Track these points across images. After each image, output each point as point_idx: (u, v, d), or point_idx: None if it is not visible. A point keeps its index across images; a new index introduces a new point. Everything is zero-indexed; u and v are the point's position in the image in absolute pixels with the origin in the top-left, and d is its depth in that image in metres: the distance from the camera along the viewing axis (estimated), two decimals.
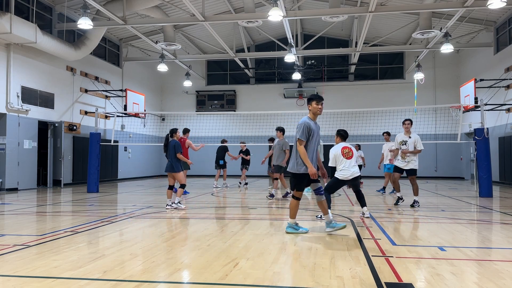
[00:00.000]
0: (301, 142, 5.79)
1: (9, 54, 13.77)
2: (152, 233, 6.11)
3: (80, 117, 17.48)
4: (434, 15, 16.13)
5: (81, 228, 6.49)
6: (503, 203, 10.52)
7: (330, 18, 14.79)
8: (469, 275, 3.94)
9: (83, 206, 9.79)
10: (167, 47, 17.71)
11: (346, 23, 20.15)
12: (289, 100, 23.87)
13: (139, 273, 3.98)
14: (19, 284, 3.63)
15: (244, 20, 14.84)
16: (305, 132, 5.79)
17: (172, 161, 8.86)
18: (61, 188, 15.23)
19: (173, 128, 9.26)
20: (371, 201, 10.73)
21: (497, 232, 6.47)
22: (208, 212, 8.73)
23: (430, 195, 12.41)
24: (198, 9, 14.23)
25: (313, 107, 5.99)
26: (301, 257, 4.59)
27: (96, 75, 18.51)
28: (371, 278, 3.79)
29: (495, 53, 17.90)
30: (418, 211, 8.65)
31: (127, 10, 14.61)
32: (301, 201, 6.54)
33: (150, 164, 23.74)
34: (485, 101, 13.94)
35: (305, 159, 5.75)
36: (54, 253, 4.74)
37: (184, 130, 12.37)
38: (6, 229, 6.51)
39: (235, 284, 3.62)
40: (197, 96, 24.87)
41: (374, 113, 21.72)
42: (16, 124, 14.07)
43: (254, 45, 24.06)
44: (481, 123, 11.98)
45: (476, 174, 12.27)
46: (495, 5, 10.93)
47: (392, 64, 23.90)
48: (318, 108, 5.95)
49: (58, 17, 16.08)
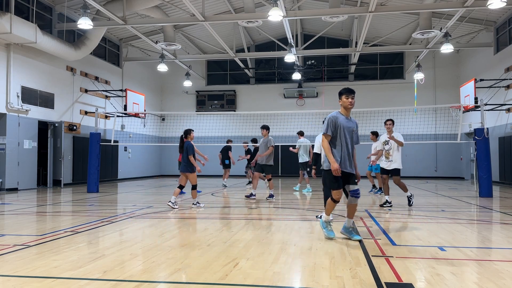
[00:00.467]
0: (326, 136, 5.50)
1: (9, 54, 13.77)
2: (152, 233, 6.11)
3: (80, 117, 17.48)
4: (434, 15, 16.13)
5: (81, 228, 6.49)
6: (503, 203, 10.52)
7: (330, 18, 14.79)
8: (469, 275, 3.94)
9: (83, 206, 9.79)
10: (167, 47, 17.71)
11: (346, 23, 20.15)
12: (289, 100, 23.88)
13: (139, 273, 3.98)
14: (19, 284, 3.63)
15: (244, 20, 14.84)
16: (330, 126, 5.48)
17: (186, 162, 8.97)
18: (61, 188, 15.23)
19: (187, 129, 9.29)
20: (371, 201, 10.73)
21: (497, 232, 6.47)
22: (208, 212, 8.73)
23: (430, 195, 12.41)
24: (198, 9, 14.23)
25: (343, 101, 5.66)
26: (301, 257, 4.59)
27: (96, 75, 18.51)
28: (371, 278, 3.79)
29: (495, 53, 17.90)
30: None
31: (127, 10, 14.61)
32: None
33: (150, 164, 23.74)
34: (485, 101, 13.95)
35: (328, 154, 5.42)
36: (54, 253, 4.74)
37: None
38: (6, 229, 6.51)
39: (235, 284, 3.62)
40: (197, 96, 24.87)
41: (374, 113, 21.69)
42: (16, 124, 14.07)
43: (254, 45, 24.06)
44: (481, 123, 11.97)
45: (476, 174, 12.26)
46: (495, 5, 10.93)
47: (392, 64, 23.90)
48: (348, 102, 5.58)
49: (58, 17, 16.08)
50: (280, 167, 22.80)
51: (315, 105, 23.15)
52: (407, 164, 21.16)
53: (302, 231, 6.23)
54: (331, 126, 5.51)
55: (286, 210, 8.92)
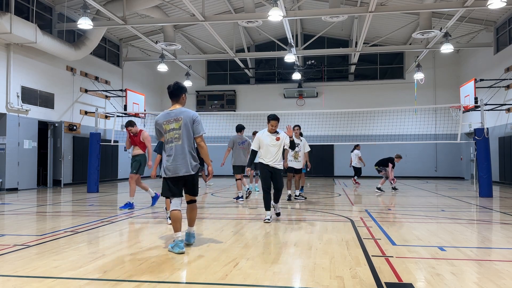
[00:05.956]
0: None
1: (9, 54, 13.77)
2: (152, 233, 6.11)
3: (80, 117, 17.48)
4: (434, 15, 16.13)
5: (81, 228, 6.49)
6: (503, 203, 10.52)
7: (330, 18, 14.79)
8: (469, 275, 3.94)
9: (83, 206, 9.79)
10: (167, 47, 17.71)
11: (346, 23, 20.14)
12: (289, 100, 23.88)
13: (139, 273, 3.98)
14: (19, 284, 3.63)
15: (244, 20, 14.84)
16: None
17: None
18: (61, 188, 15.23)
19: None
20: (371, 201, 10.73)
21: (497, 232, 6.47)
22: (208, 212, 8.73)
23: (430, 195, 12.41)
24: (198, 9, 14.23)
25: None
26: (301, 257, 4.59)
27: (96, 75, 18.51)
28: (371, 278, 3.79)
29: (495, 53, 17.90)
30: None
31: (127, 10, 14.61)
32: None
33: None
34: (485, 101, 13.94)
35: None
36: (54, 253, 4.74)
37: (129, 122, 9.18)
38: (6, 229, 6.51)
39: (235, 284, 3.62)
40: (197, 96, 24.86)
41: (374, 113, 21.72)
42: (16, 124, 14.07)
43: (254, 45, 24.06)
44: (481, 123, 11.97)
45: (476, 174, 12.26)
46: (495, 5, 10.94)
47: (392, 64, 23.90)
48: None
49: (58, 17, 16.08)
50: None
51: (315, 105, 23.16)
52: (407, 164, 21.22)
53: (302, 231, 6.23)
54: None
55: (288, 211, 8.91)
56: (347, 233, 5.98)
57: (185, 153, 4.94)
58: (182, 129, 4.97)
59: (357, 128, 21.74)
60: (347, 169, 23.34)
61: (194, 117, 5.08)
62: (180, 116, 5.00)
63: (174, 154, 4.93)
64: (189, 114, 5.06)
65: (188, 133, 4.99)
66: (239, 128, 10.70)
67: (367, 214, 8.02)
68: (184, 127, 4.96)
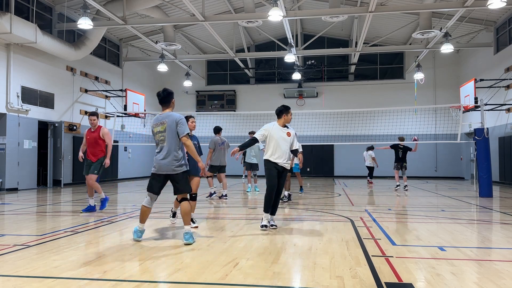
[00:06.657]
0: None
1: (9, 54, 13.77)
2: (152, 233, 6.10)
3: (80, 117, 17.47)
4: (434, 15, 16.13)
5: (81, 228, 6.49)
6: (503, 203, 10.52)
7: (330, 18, 14.79)
8: (469, 275, 3.94)
9: (83, 206, 9.80)
10: (167, 47, 17.71)
11: (346, 23, 20.14)
12: (289, 100, 23.85)
13: (139, 273, 3.98)
14: (19, 284, 3.63)
15: (244, 20, 14.85)
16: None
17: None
18: (61, 188, 15.22)
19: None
20: (371, 201, 10.73)
21: (497, 232, 6.47)
22: (208, 212, 8.73)
23: (430, 195, 12.41)
24: (198, 9, 14.23)
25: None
26: (301, 257, 4.59)
27: (96, 75, 18.50)
28: (371, 278, 3.78)
29: (495, 53, 17.90)
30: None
31: (127, 10, 14.61)
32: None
33: (150, 164, 23.33)
34: (485, 101, 13.95)
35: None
36: (54, 253, 4.74)
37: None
38: (6, 229, 6.51)
39: (235, 284, 3.62)
40: (197, 96, 24.87)
41: (374, 113, 21.72)
42: (16, 124, 14.07)
43: (254, 45, 24.06)
44: (481, 123, 11.97)
45: (476, 174, 12.26)
46: (495, 5, 10.94)
47: (392, 64, 23.90)
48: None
49: (58, 17, 16.08)
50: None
51: (315, 105, 23.16)
52: (407, 164, 21.18)
53: (302, 231, 6.23)
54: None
55: (286, 210, 8.91)
56: (347, 233, 5.98)
57: (169, 154, 5.34)
58: (167, 131, 5.36)
59: (357, 128, 21.75)
60: (347, 169, 23.42)
61: (178, 120, 5.40)
62: (165, 120, 5.42)
63: (160, 153, 5.41)
64: (173, 117, 5.41)
65: (172, 135, 5.36)
66: (217, 130, 11.06)
67: (367, 214, 8.02)
68: (169, 129, 5.36)
